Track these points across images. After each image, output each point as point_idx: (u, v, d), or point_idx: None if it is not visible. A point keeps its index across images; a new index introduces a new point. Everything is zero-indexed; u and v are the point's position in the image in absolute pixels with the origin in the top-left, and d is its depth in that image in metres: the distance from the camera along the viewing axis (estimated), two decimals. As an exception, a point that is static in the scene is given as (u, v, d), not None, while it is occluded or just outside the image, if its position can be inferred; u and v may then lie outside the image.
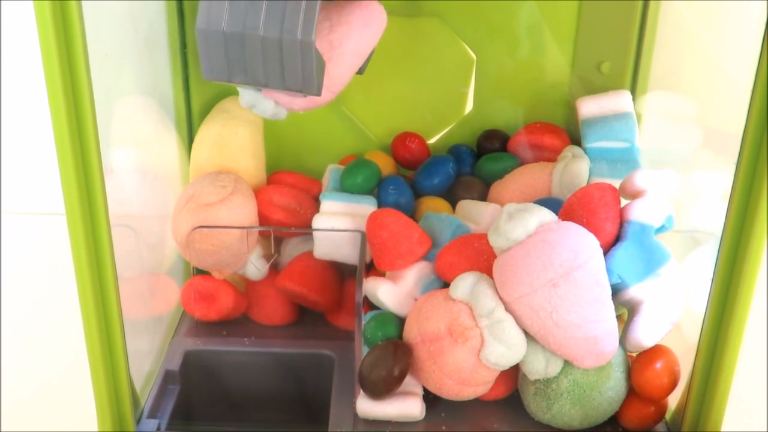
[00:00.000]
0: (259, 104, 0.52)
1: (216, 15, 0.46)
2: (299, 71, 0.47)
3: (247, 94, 0.51)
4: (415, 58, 0.64)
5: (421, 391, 0.51)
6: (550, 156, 0.61)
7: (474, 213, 0.57)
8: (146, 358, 0.55)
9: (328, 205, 0.58)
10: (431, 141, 0.67)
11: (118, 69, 0.51)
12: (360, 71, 0.53)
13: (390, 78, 0.64)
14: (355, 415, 0.51)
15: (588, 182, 0.57)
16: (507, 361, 0.47)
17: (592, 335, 0.46)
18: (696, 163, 0.57)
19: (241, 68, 0.48)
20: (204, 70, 0.48)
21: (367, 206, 0.58)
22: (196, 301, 0.59)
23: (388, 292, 0.52)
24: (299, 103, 0.51)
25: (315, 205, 0.60)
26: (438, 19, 0.63)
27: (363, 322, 0.52)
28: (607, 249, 0.48)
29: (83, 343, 0.46)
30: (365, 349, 0.52)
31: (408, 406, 0.50)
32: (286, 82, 0.48)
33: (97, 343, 0.46)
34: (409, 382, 0.51)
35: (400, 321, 0.52)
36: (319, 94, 0.48)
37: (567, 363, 0.48)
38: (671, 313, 0.49)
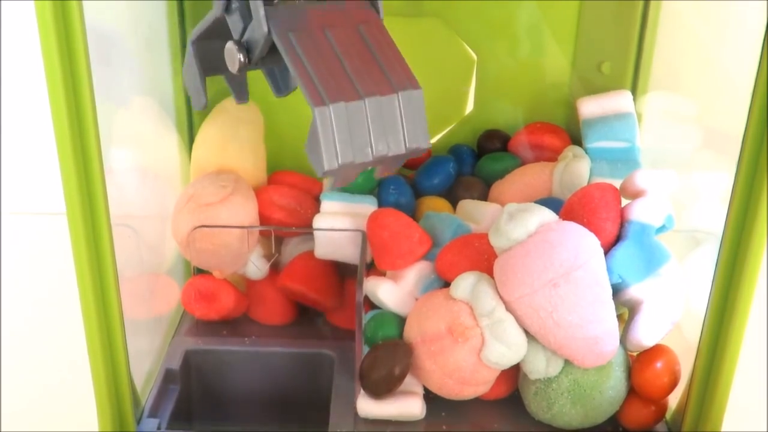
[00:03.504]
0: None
1: (332, 91, 0.42)
2: (423, 125, 0.45)
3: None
4: (415, 58, 0.63)
5: (421, 391, 0.51)
6: (551, 156, 0.61)
7: (474, 213, 0.57)
8: (146, 357, 0.55)
9: (328, 204, 0.58)
10: (431, 141, 0.66)
11: (118, 69, 0.51)
12: None
13: (390, 78, 0.64)
14: (356, 414, 0.51)
15: (588, 182, 0.57)
16: (507, 360, 0.47)
17: (592, 335, 0.46)
18: (696, 163, 0.57)
19: (363, 143, 0.43)
20: (326, 161, 0.42)
21: (367, 206, 0.58)
22: (196, 300, 0.59)
23: (388, 292, 0.52)
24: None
25: (315, 205, 0.60)
26: (438, 19, 0.63)
27: (363, 322, 0.52)
28: (607, 249, 0.48)
29: (83, 343, 0.46)
30: (365, 349, 0.52)
31: (408, 406, 0.50)
32: (409, 142, 0.45)
33: (98, 342, 0.46)
34: (410, 382, 0.51)
35: (401, 321, 0.52)
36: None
37: (567, 363, 0.48)
38: (671, 313, 0.49)
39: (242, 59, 0.45)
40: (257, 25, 0.44)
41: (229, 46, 0.46)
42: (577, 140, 0.61)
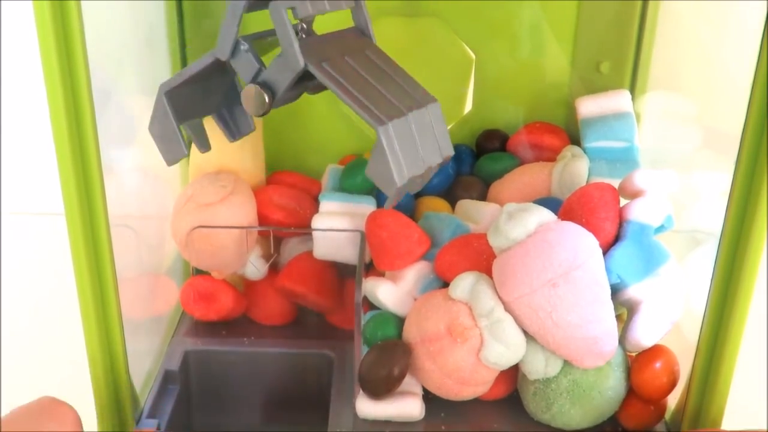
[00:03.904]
0: None
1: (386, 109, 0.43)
2: (447, 134, 0.47)
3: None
4: (414, 58, 0.64)
5: (420, 391, 0.51)
6: (550, 156, 0.61)
7: (473, 213, 0.57)
8: (146, 358, 0.55)
9: (327, 205, 0.58)
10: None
11: (118, 69, 0.51)
12: None
13: (389, 78, 0.64)
14: (355, 415, 0.51)
15: (587, 182, 0.57)
16: (506, 360, 0.47)
17: (591, 335, 0.46)
18: (695, 163, 0.57)
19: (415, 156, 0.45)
20: (397, 176, 0.43)
21: (366, 206, 0.58)
22: (195, 301, 0.59)
23: (387, 292, 0.52)
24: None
25: (314, 205, 0.60)
26: (438, 19, 0.63)
27: (362, 322, 0.52)
28: (606, 249, 0.48)
29: (83, 344, 0.46)
30: (365, 349, 0.52)
31: (408, 406, 0.50)
32: (442, 151, 0.47)
33: (97, 343, 0.46)
34: (409, 382, 0.51)
35: (400, 321, 0.52)
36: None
37: (566, 363, 0.48)
38: (671, 313, 0.49)
39: (267, 100, 0.45)
40: (292, 60, 0.43)
41: (251, 89, 0.45)
42: (576, 140, 0.61)
